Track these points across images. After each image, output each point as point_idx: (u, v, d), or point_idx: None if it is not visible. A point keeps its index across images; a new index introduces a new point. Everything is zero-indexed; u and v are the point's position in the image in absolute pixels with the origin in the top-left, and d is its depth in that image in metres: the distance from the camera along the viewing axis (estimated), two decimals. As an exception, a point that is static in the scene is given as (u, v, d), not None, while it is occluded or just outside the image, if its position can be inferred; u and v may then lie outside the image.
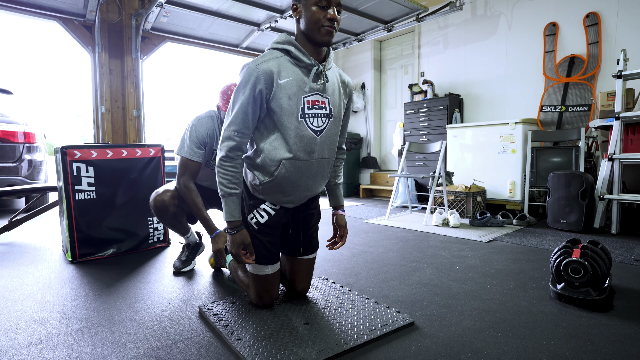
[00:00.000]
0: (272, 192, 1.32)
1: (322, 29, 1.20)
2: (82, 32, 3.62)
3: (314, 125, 1.28)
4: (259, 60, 1.22)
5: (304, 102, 1.25)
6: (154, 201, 1.76)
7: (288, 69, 1.24)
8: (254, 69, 1.19)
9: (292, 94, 1.23)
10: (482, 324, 1.28)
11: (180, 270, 1.91)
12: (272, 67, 1.21)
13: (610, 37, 3.22)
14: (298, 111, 1.24)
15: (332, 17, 1.19)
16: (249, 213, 1.37)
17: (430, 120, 4.26)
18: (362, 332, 1.20)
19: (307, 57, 1.25)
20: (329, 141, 1.34)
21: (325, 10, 1.19)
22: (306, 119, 1.26)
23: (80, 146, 2.13)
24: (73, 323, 1.32)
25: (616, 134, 2.61)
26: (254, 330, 1.22)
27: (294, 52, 1.24)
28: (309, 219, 1.48)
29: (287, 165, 1.26)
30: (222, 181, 1.26)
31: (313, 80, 1.26)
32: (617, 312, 1.37)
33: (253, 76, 1.19)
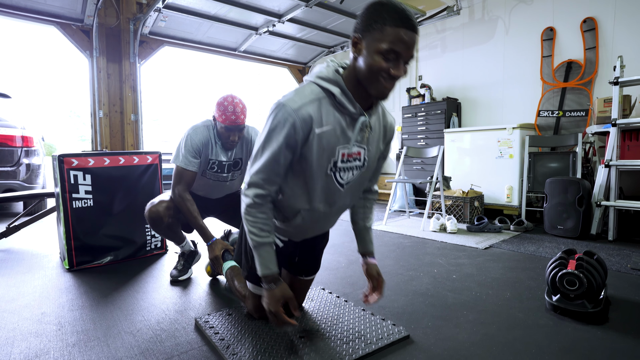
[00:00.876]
0: (283, 231, 1.27)
1: (379, 84, 0.97)
2: (80, 36, 3.62)
3: (342, 178, 1.12)
4: (297, 102, 1.00)
5: (338, 154, 1.08)
6: (149, 212, 1.76)
7: (329, 115, 1.04)
8: (291, 114, 0.98)
9: (328, 144, 1.04)
10: (477, 338, 1.28)
11: (177, 279, 1.91)
12: (311, 112, 1.00)
13: (607, 43, 3.23)
14: (329, 164, 1.08)
15: (396, 75, 0.96)
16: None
17: (428, 125, 4.27)
18: (357, 347, 1.20)
19: (353, 106, 1.04)
20: (354, 190, 1.21)
21: (390, 63, 0.94)
22: (336, 172, 1.10)
23: (77, 154, 2.13)
24: (69, 336, 1.32)
25: (613, 141, 2.62)
26: (249, 344, 1.22)
27: (339, 97, 1.02)
28: (317, 247, 1.44)
29: (304, 215, 1.17)
30: (252, 230, 1.09)
31: (357, 133, 1.07)
32: (612, 324, 1.37)
33: (289, 122, 0.98)
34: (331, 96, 1.04)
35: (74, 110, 24.67)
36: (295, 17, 3.83)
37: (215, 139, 1.81)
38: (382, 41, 0.93)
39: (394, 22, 0.91)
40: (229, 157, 1.86)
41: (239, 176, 1.98)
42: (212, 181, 1.89)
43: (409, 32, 0.93)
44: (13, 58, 24.46)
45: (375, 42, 0.93)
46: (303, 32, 4.38)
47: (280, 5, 3.63)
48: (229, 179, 1.92)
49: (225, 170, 1.88)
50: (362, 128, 1.08)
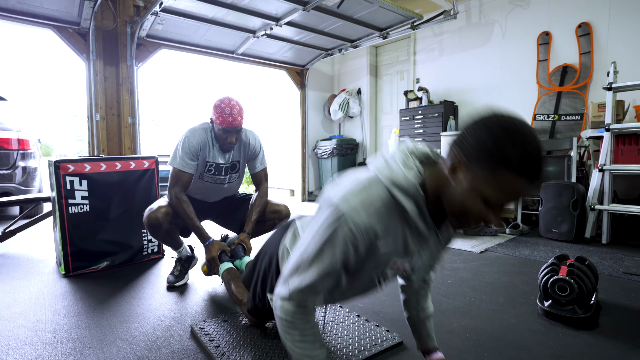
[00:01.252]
0: None
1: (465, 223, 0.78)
2: (76, 39, 3.62)
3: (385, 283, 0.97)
4: (362, 216, 0.78)
5: (391, 265, 0.89)
6: (148, 218, 1.77)
7: (395, 232, 0.83)
8: (354, 228, 0.78)
9: (382, 254, 0.85)
10: (470, 344, 1.30)
11: (174, 285, 1.92)
12: (377, 228, 0.80)
13: (601, 48, 3.26)
14: (377, 271, 0.91)
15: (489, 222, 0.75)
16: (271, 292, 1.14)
17: (426, 127, 4.29)
18: (351, 353, 1.21)
19: (428, 228, 0.84)
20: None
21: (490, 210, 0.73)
22: (381, 279, 0.95)
23: (73, 160, 2.14)
24: (65, 344, 1.33)
25: (607, 145, 2.64)
26: (244, 350, 1.24)
27: (414, 218, 0.81)
28: None
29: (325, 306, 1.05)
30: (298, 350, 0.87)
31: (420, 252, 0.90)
32: (602, 329, 1.39)
33: (350, 240, 0.79)
34: (404, 212, 0.82)
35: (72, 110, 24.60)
36: (293, 20, 3.84)
37: (213, 141, 1.82)
38: (494, 187, 0.70)
39: (521, 171, 0.67)
40: (226, 160, 1.87)
41: (237, 179, 1.99)
42: (210, 184, 1.90)
43: (536, 182, 0.69)
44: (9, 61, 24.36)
45: (484, 184, 0.70)
46: (301, 35, 4.39)
47: (277, 9, 3.64)
48: (227, 182, 1.93)
49: (223, 173, 1.89)
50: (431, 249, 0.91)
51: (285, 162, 6.13)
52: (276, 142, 6.39)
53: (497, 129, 0.69)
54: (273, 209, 1.95)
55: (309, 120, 5.69)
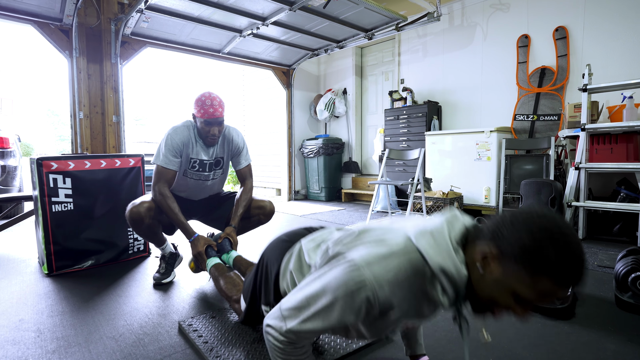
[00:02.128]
0: None
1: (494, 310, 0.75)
2: (58, 36, 3.54)
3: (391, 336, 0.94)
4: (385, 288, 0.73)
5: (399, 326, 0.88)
6: (130, 212, 1.76)
7: (411, 301, 0.78)
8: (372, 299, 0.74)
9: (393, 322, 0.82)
10: (454, 335, 1.34)
11: (160, 282, 1.91)
12: (394, 302, 0.76)
13: (577, 51, 3.38)
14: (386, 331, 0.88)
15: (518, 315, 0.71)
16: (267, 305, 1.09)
17: (410, 127, 4.36)
18: (339, 347, 1.24)
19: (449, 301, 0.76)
20: None
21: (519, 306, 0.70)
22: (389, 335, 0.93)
23: (57, 157, 2.10)
24: (49, 343, 1.32)
25: (582, 144, 2.75)
26: (232, 346, 1.25)
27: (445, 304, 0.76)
28: None
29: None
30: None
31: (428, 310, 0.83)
32: (578, 319, 1.46)
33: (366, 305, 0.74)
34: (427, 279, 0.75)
35: (52, 109, 23.92)
36: (279, 20, 3.85)
37: (196, 138, 1.83)
38: (528, 287, 0.67)
39: (561, 279, 0.64)
40: (210, 156, 1.88)
41: (221, 175, 1.99)
42: (194, 181, 1.90)
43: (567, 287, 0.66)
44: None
45: (519, 283, 0.67)
46: (287, 35, 4.40)
47: (264, 8, 3.64)
48: (211, 178, 1.94)
49: (207, 169, 1.89)
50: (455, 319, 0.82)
51: (271, 161, 6.13)
52: (262, 142, 6.38)
53: (538, 229, 0.65)
54: (258, 204, 1.97)
55: (295, 119, 5.70)
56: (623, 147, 2.68)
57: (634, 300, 1.50)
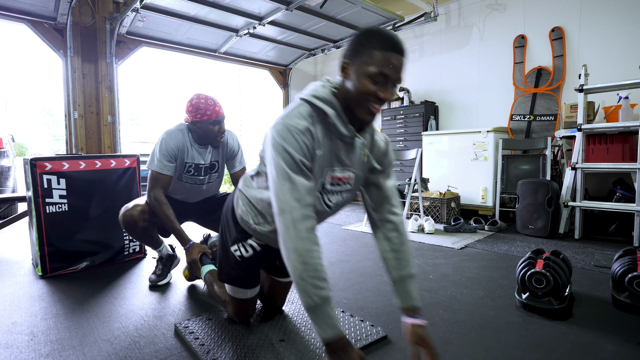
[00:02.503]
0: (263, 236, 1.24)
1: (367, 107, 0.96)
2: (53, 35, 3.51)
3: (330, 201, 1.10)
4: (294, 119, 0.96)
5: (327, 176, 1.05)
6: (123, 216, 1.74)
7: (322, 136, 1.00)
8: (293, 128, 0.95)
9: (319, 167, 1.01)
10: (452, 336, 1.34)
11: (156, 284, 1.89)
12: (311, 128, 0.98)
13: (573, 51, 3.40)
14: (318, 187, 1.06)
15: (385, 98, 0.95)
16: (234, 244, 1.28)
17: (407, 127, 4.36)
18: (337, 348, 1.23)
19: (346, 128, 1.01)
20: (341, 207, 1.20)
21: (378, 86, 0.94)
22: (324, 195, 1.08)
23: (51, 158, 2.08)
24: (42, 346, 1.30)
25: (579, 145, 2.76)
26: (230, 348, 1.23)
27: (333, 119, 0.99)
28: None
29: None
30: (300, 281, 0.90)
31: (346, 152, 1.05)
32: (576, 319, 1.45)
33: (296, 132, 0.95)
34: (324, 117, 1.00)
35: (47, 108, 23.74)
36: (276, 19, 3.84)
37: (191, 142, 1.81)
38: (370, 65, 0.92)
39: (383, 46, 0.92)
40: (205, 160, 1.86)
41: (216, 179, 1.98)
42: (189, 184, 1.88)
43: (397, 56, 0.93)
44: (-22, 55, 23.30)
45: (364, 66, 0.93)
46: (284, 35, 4.39)
47: (260, 8, 3.63)
48: (206, 182, 1.92)
49: (202, 173, 1.88)
50: (354, 151, 1.05)
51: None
52: (259, 142, 6.36)
53: (361, 32, 0.97)
54: None
55: (292, 120, 5.69)
56: (619, 148, 2.69)
57: (631, 301, 1.50)
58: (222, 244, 1.36)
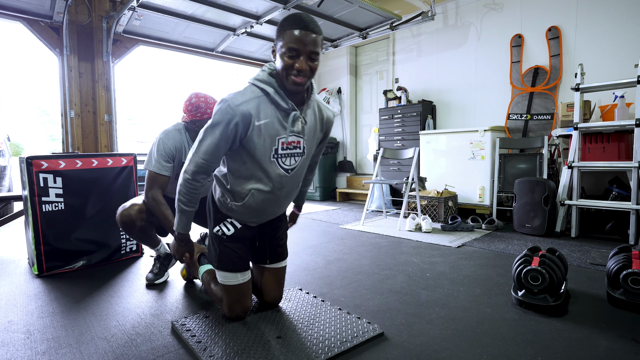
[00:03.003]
0: (239, 214, 1.38)
1: (289, 78, 1.20)
2: (49, 33, 3.49)
3: (286, 164, 1.31)
4: (239, 99, 1.20)
5: (278, 143, 1.27)
6: (120, 216, 1.74)
7: (267, 110, 1.23)
8: (233, 110, 1.19)
9: (268, 135, 1.24)
10: (448, 333, 1.34)
11: (153, 283, 1.89)
12: (250, 109, 1.21)
13: (570, 50, 3.41)
14: (271, 152, 1.27)
15: (301, 69, 1.17)
16: (216, 225, 1.42)
17: (404, 126, 4.37)
18: (333, 345, 1.23)
19: (285, 102, 1.24)
20: (298, 175, 1.39)
21: (294, 60, 1.17)
22: (279, 159, 1.29)
23: (47, 156, 2.07)
24: (39, 344, 1.29)
25: (575, 143, 2.77)
26: (226, 345, 1.24)
27: (272, 95, 1.23)
28: (275, 231, 1.53)
29: (255, 195, 1.32)
30: (181, 198, 1.31)
31: (290, 124, 1.27)
32: (571, 316, 1.46)
33: (229, 115, 1.19)
34: (266, 95, 1.24)
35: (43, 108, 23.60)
36: (273, 18, 3.84)
37: (188, 141, 1.81)
38: (285, 43, 1.16)
39: (291, 26, 1.15)
40: None
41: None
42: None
43: (306, 32, 1.15)
44: (-26, 54, 23.12)
45: (282, 46, 1.18)
46: (281, 34, 4.40)
47: (258, 7, 3.63)
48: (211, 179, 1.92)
49: None
50: (294, 120, 1.27)
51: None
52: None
53: (281, 19, 1.20)
54: None
55: (290, 119, 5.69)
56: (615, 146, 2.70)
57: (625, 297, 1.51)
58: (210, 232, 1.46)
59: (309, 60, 1.18)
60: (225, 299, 1.42)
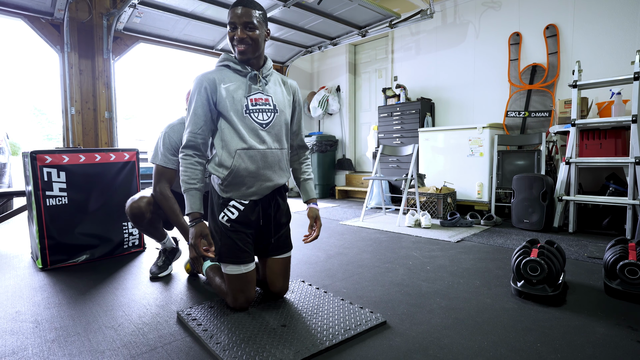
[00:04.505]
0: (236, 185, 1.45)
1: (235, 49, 1.43)
2: (49, 30, 3.50)
3: (259, 119, 1.46)
4: (206, 72, 1.45)
5: (247, 100, 1.44)
6: (130, 208, 1.76)
7: (230, 77, 1.45)
8: (201, 79, 1.42)
9: (235, 94, 1.43)
10: (449, 321, 1.37)
11: (157, 276, 1.91)
12: (215, 76, 1.43)
13: (567, 48, 3.45)
14: (242, 108, 1.43)
15: (240, 38, 1.38)
16: (220, 212, 1.46)
17: (403, 124, 4.40)
18: (337, 332, 1.26)
19: (242, 67, 1.46)
20: (276, 133, 1.50)
21: (233, 32, 1.40)
22: (251, 114, 1.44)
23: (51, 151, 2.09)
24: (47, 332, 1.31)
25: (572, 139, 2.81)
26: (232, 333, 1.26)
27: (232, 65, 1.46)
28: (278, 215, 1.56)
29: (241, 155, 1.42)
30: (183, 178, 1.41)
31: (252, 82, 1.47)
32: (569, 306, 1.50)
33: (199, 83, 1.42)
34: (227, 67, 1.47)
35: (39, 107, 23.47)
36: (273, 16, 3.86)
37: None
38: (228, 22, 1.40)
39: (232, 6, 1.40)
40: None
41: None
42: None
43: (239, 7, 1.38)
44: (-29, 52, 22.93)
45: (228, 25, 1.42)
46: (281, 32, 4.41)
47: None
48: (208, 174, 1.94)
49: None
50: (254, 78, 1.46)
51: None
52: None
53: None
54: None
55: (289, 117, 5.71)
56: (612, 143, 2.74)
57: (622, 287, 1.54)
58: (213, 222, 1.50)
59: (247, 30, 1.38)
60: (229, 289, 1.44)
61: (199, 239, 1.38)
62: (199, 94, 1.41)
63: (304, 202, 1.68)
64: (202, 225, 1.39)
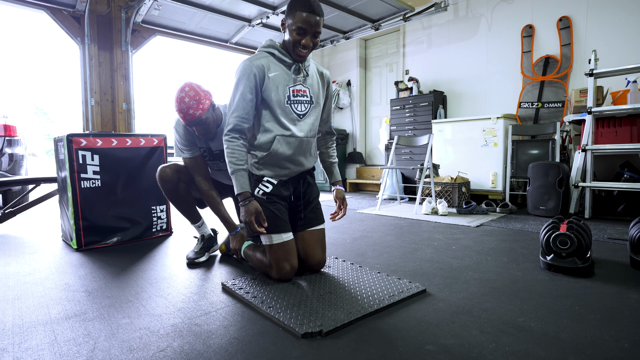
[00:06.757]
0: (270, 166, 1.55)
1: (296, 50, 1.48)
2: (70, 22, 3.55)
3: (297, 110, 1.55)
4: (253, 58, 1.50)
5: (289, 91, 1.52)
6: (158, 172, 1.84)
7: (275, 66, 1.51)
8: (250, 65, 1.47)
9: (280, 84, 1.50)
10: (486, 290, 1.42)
11: (194, 262, 1.89)
12: (263, 63, 1.49)
13: (580, 40, 3.50)
14: (285, 98, 1.51)
15: (306, 45, 1.45)
16: (255, 188, 1.57)
17: (416, 116, 4.45)
18: (383, 298, 1.31)
19: (288, 58, 1.52)
20: (311, 122, 1.60)
21: (301, 37, 1.44)
22: (291, 104, 1.53)
23: (86, 134, 2.14)
24: (101, 300, 1.37)
25: (589, 127, 2.86)
26: (281, 299, 1.31)
27: (277, 54, 1.52)
28: (309, 191, 1.68)
29: (280, 140, 1.52)
30: (230, 160, 1.48)
31: (295, 74, 1.54)
32: (598, 277, 1.55)
33: (249, 69, 1.46)
34: (272, 55, 1.53)
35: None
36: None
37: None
38: (295, 22, 1.42)
39: (301, 8, 1.40)
40: (216, 147, 1.88)
41: None
42: (213, 171, 1.95)
43: (312, 15, 1.40)
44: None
45: (292, 24, 1.43)
46: (294, 26, 4.47)
47: (274, -3, 3.71)
48: (225, 168, 1.93)
49: (217, 158, 1.90)
50: (297, 70, 1.54)
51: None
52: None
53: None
54: None
55: (300, 111, 5.76)
56: (627, 130, 2.79)
57: (649, 261, 1.59)
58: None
59: (313, 38, 1.46)
60: (273, 260, 1.49)
61: (253, 215, 1.46)
62: (247, 79, 1.46)
63: (330, 184, 1.82)
64: (255, 203, 1.48)
